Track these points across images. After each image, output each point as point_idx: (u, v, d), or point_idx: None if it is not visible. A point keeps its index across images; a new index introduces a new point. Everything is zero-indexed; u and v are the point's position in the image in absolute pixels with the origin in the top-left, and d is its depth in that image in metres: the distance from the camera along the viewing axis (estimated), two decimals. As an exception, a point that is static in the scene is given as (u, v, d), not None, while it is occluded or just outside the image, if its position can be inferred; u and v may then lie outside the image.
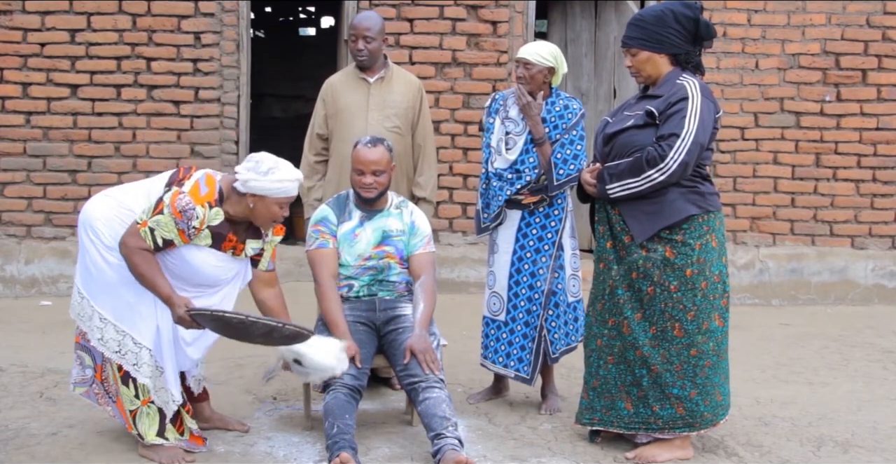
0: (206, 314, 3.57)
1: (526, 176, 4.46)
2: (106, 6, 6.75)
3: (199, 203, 3.63)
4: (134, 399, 3.77)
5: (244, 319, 3.54)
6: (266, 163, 3.68)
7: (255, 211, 3.71)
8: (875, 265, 7.21)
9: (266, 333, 3.62)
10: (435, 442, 3.74)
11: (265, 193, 3.66)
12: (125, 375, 3.75)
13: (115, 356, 3.72)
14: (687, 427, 3.89)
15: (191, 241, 3.68)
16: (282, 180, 3.67)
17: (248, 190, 3.66)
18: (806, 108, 7.16)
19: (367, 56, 4.72)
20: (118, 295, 3.72)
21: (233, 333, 3.67)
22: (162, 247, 3.63)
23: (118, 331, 3.72)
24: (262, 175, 3.65)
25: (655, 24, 3.87)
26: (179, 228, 3.62)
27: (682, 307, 3.82)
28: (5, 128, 6.78)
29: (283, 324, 3.64)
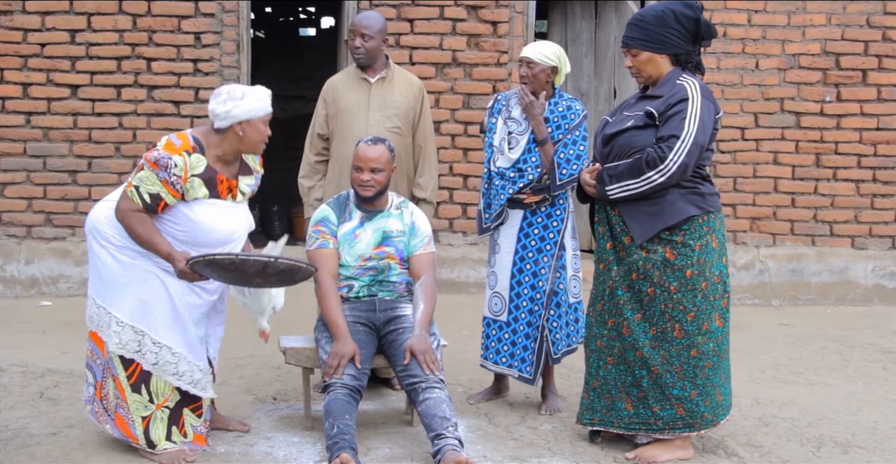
0: (200, 261, 3.59)
1: (528, 175, 4.47)
2: (106, 6, 6.75)
3: (174, 153, 3.65)
4: (148, 405, 3.77)
5: (234, 258, 3.56)
6: (237, 89, 3.76)
7: (245, 138, 3.75)
8: (875, 265, 7.21)
9: (261, 270, 3.63)
10: (435, 442, 3.75)
11: (251, 116, 3.73)
12: (137, 381, 3.75)
13: (137, 356, 3.73)
14: (687, 428, 3.89)
15: (182, 194, 3.67)
16: (261, 98, 3.76)
17: (234, 119, 3.71)
18: (806, 108, 7.16)
19: (364, 54, 4.71)
20: (132, 295, 3.73)
21: (231, 277, 3.69)
22: (151, 204, 3.64)
23: (136, 331, 3.73)
24: (240, 100, 3.71)
25: (656, 24, 3.87)
26: (161, 178, 3.63)
27: (682, 308, 3.82)
28: (5, 128, 6.78)
29: (275, 258, 3.64)
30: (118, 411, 3.78)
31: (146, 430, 3.78)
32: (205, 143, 3.75)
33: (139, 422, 3.77)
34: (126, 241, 3.73)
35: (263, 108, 3.78)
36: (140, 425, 3.77)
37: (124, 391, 3.76)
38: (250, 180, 3.92)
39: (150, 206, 3.65)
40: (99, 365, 3.81)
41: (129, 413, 3.77)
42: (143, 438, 3.78)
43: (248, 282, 3.75)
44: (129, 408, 3.77)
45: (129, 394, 3.76)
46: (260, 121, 3.77)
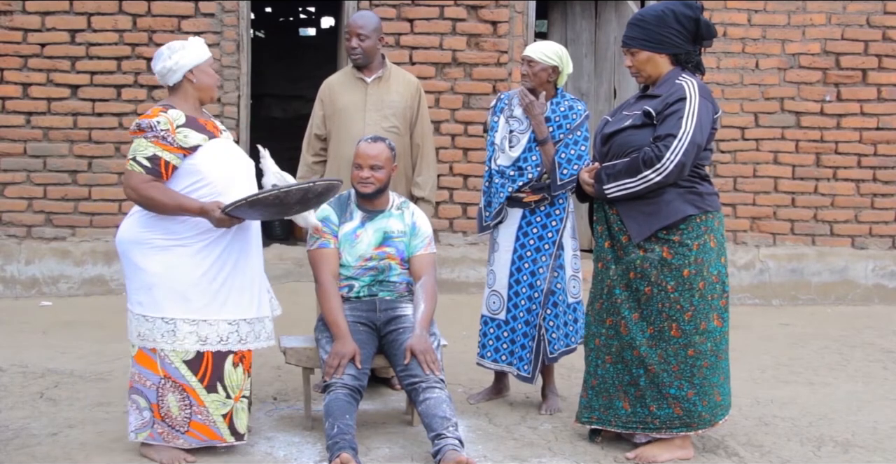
0: (242, 204, 3.63)
1: (528, 174, 4.47)
2: (106, 6, 6.76)
3: (151, 117, 3.74)
4: (226, 401, 3.80)
5: (278, 193, 3.65)
6: (173, 44, 3.86)
7: (199, 85, 3.87)
8: (875, 265, 7.21)
9: (302, 197, 3.73)
10: (435, 442, 3.75)
11: (197, 61, 3.84)
12: (211, 382, 3.76)
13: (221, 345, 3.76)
14: (684, 427, 3.89)
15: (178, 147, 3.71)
16: (198, 46, 3.87)
17: (183, 69, 3.81)
18: (806, 108, 7.16)
19: (360, 54, 4.72)
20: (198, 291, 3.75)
21: (269, 212, 3.77)
22: (153, 167, 3.69)
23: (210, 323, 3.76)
24: (182, 50, 3.82)
25: (656, 24, 3.87)
26: (150, 138, 3.70)
27: (679, 307, 3.82)
28: (5, 128, 6.78)
29: (313, 182, 3.76)
30: (193, 418, 3.76)
31: (230, 425, 3.82)
32: (172, 103, 3.85)
33: (221, 420, 3.80)
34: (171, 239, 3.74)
35: (204, 52, 3.88)
36: (223, 422, 3.80)
37: (199, 396, 3.76)
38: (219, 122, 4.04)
39: (153, 169, 3.70)
40: (150, 387, 3.76)
41: (209, 416, 3.77)
42: (228, 433, 3.82)
43: (287, 212, 3.84)
44: (209, 409, 3.77)
45: (205, 397, 3.76)
46: (206, 64, 3.88)
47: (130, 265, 3.80)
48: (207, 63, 3.88)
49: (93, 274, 6.79)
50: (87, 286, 6.80)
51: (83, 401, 4.47)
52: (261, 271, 4.00)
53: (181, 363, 3.74)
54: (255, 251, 3.97)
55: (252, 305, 3.89)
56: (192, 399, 3.76)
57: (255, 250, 3.96)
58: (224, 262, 3.81)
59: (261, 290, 3.96)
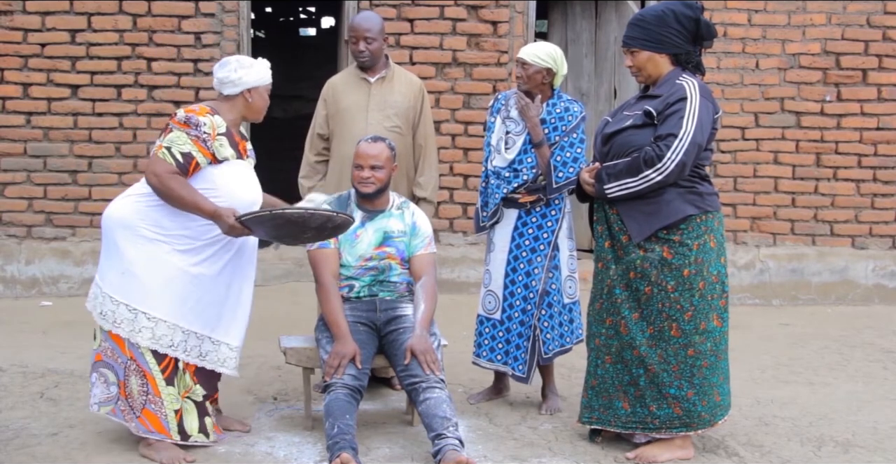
0: (265, 215, 3.64)
1: (523, 175, 4.47)
2: (106, 6, 6.75)
3: (198, 115, 3.79)
4: (178, 397, 3.83)
5: (303, 212, 3.68)
6: (244, 59, 4.00)
7: (252, 105, 3.95)
8: (875, 265, 7.21)
9: (321, 224, 3.74)
10: (435, 442, 3.75)
11: (258, 83, 3.93)
12: (171, 375, 3.80)
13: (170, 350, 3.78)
14: (684, 427, 3.89)
15: (212, 153, 3.77)
16: (266, 68, 3.98)
17: (244, 86, 3.89)
18: (806, 108, 7.15)
19: (368, 57, 4.73)
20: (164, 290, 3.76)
21: (286, 232, 3.75)
22: (184, 163, 3.73)
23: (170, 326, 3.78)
24: (250, 68, 3.91)
25: (656, 24, 3.88)
26: (192, 137, 3.74)
27: (679, 307, 3.82)
28: (6, 128, 6.77)
29: (336, 213, 3.79)
30: (147, 406, 3.79)
31: (180, 422, 3.83)
32: (218, 109, 3.89)
33: (172, 416, 3.81)
34: (160, 234, 3.76)
35: (268, 77, 3.98)
36: (174, 418, 3.81)
37: (157, 386, 3.79)
38: (249, 145, 4.07)
39: (183, 165, 3.73)
40: (120, 363, 3.81)
41: (161, 408, 3.80)
42: (175, 431, 3.82)
43: (298, 237, 3.83)
44: (164, 402, 3.80)
45: (163, 388, 3.79)
46: (265, 89, 3.97)
47: (111, 244, 3.83)
48: (266, 87, 3.97)
49: (93, 274, 6.64)
50: (87, 286, 6.68)
51: (83, 401, 4.46)
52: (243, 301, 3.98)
53: (148, 351, 3.78)
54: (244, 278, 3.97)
55: (210, 323, 3.88)
56: (150, 387, 3.79)
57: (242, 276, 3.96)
58: (203, 272, 3.82)
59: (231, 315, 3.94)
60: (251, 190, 3.92)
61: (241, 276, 3.96)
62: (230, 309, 3.94)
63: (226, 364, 3.96)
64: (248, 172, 3.95)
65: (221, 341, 3.92)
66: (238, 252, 3.92)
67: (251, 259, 4.01)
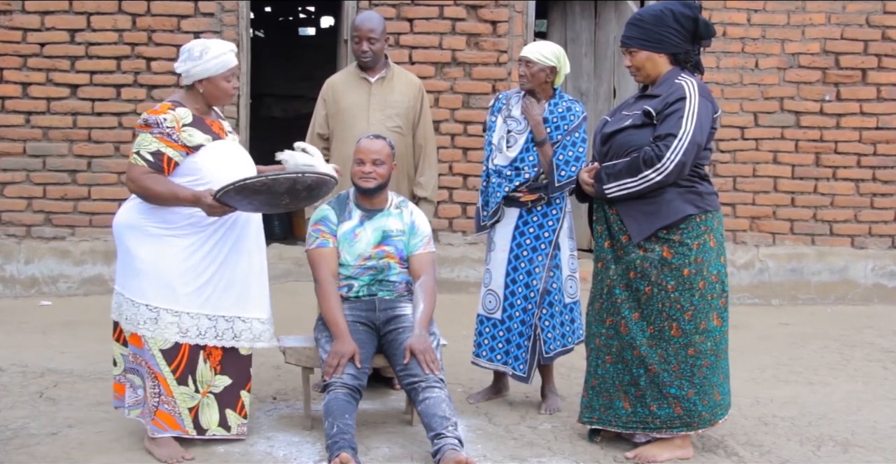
0: (230, 189, 3.64)
1: (525, 173, 4.47)
2: (106, 6, 6.75)
3: (158, 114, 3.78)
4: (194, 395, 3.85)
5: (265, 179, 3.67)
6: (196, 48, 3.86)
7: (207, 94, 3.89)
8: (875, 265, 7.21)
9: (290, 187, 3.72)
10: (435, 442, 3.75)
11: (209, 74, 3.84)
12: (182, 374, 3.81)
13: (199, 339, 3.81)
14: (685, 427, 3.89)
15: (182, 145, 3.76)
16: (217, 56, 3.84)
17: (194, 77, 3.84)
18: (806, 107, 7.16)
19: (371, 57, 4.73)
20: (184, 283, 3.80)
21: (261, 201, 3.75)
22: (155, 161, 3.74)
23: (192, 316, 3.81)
24: (198, 59, 3.82)
25: (654, 23, 3.88)
26: (156, 135, 3.75)
27: (679, 307, 3.82)
28: (5, 128, 6.78)
29: (302, 173, 3.76)
30: (160, 408, 3.81)
31: (195, 419, 3.85)
32: (182, 101, 3.89)
33: (186, 413, 3.84)
34: (165, 228, 3.79)
35: (222, 64, 3.86)
36: (188, 415, 3.84)
37: (169, 386, 3.80)
38: (227, 125, 4.05)
39: (155, 163, 3.75)
40: (144, 367, 3.84)
41: (175, 407, 3.82)
42: (191, 427, 3.85)
43: (277, 203, 3.82)
44: (176, 401, 3.82)
45: (174, 388, 3.81)
46: (220, 77, 3.89)
47: (123, 249, 3.87)
48: (223, 76, 3.87)
49: (92, 273, 6.79)
50: (87, 286, 6.80)
51: (83, 401, 4.47)
52: (259, 273, 4.01)
53: (158, 351, 3.80)
54: (253, 251, 3.99)
55: (236, 303, 3.92)
56: (162, 388, 3.81)
57: (251, 250, 3.98)
58: (214, 257, 3.86)
59: (253, 290, 3.98)
60: (238, 166, 3.89)
61: (250, 249, 3.97)
62: (249, 284, 3.97)
63: (262, 338, 4.00)
64: (232, 149, 3.92)
65: (252, 318, 3.97)
66: (243, 227, 3.93)
67: (258, 231, 4.03)
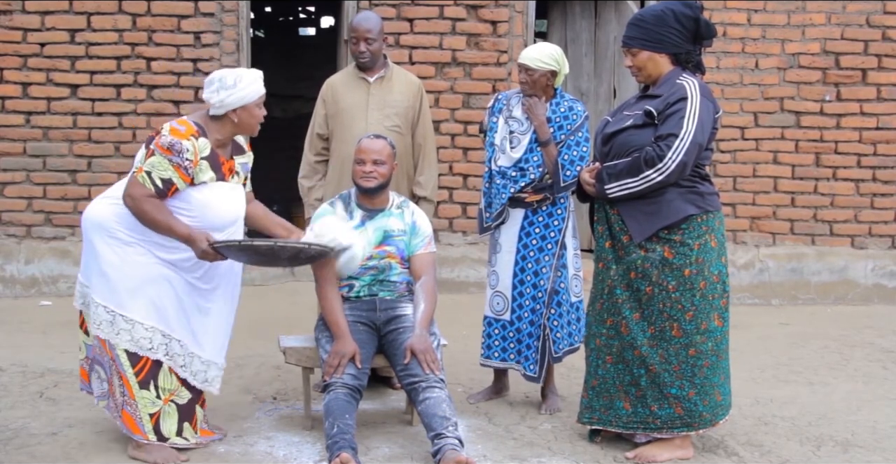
0: (234, 245, 3.65)
1: (530, 174, 4.47)
2: (106, 6, 6.75)
3: (182, 138, 3.71)
4: (155, 400, 3.78)
5: (273, 245, 3.68)
6: (229, 77, 3.80)
7: (241, 123, 3.82)
8: (875, 265, 7.21)
9: (293, 255, 3.76)
10: (435, 442, 3.75)
11: (244, 102, 3.78)
12: (145, 378, 3.76)
13: (149, 353, 3.74)
14: (685, 427, 3.89)
15: (191, 178, 3.71)
16: (251, 84, 3.80)
17: (228, 107, 3.77)
18: (806, 107, 7.15)
19: (369, 57, 4.73)
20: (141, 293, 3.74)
21: (256, 260, 3.77)
22: (163, 189, 3.68)
23: (147, 328, 3.75)
24: (232, 88, 3.76)
25: (655, 23, 3.87)
26: (174, 163, 3.68)
27: (680, 307, 3.82)
28: (5, 128, 6.77)
29: (308, 245, 3.78)
30: (124, 408, 3.78)
31: (156, 425, 3.79)
32: (206, 128, 3.82)
33: (147, 419, 3.78)
34: (134, 237, 3.73)
35: (256, 92, 3.82)
36: (149, 421, 3.78)
37: (132, 389, 3.76)
38: (244, 159, 3.99)
39: (162, 190, 3.69)
40: (107, 362, 3.82)
41: (136, 410, 3.77)
42: (152, 433, 3.79)
43: (274, 264, 3.86)
44: (137, 405, 3.76)
45: (136, 391, 3.76)
46: (254, 105, 3.83)
47: (90, 246, 3.82)
48: (256, 103, 3.82)
49: (92, 274, 6.78)
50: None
51: (83, 400, 4.46)
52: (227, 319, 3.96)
53: (122, 352, 3.76)
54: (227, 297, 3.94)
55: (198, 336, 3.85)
56: (125, 389, 3.77)
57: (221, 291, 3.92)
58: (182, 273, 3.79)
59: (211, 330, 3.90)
60: (228, 211, 3.83)
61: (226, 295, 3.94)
62: (217, 326, 3.91)
63: (212, 384, 3.93)
64: (228, 193, 3.85)
65: (212, 362, 3.91)
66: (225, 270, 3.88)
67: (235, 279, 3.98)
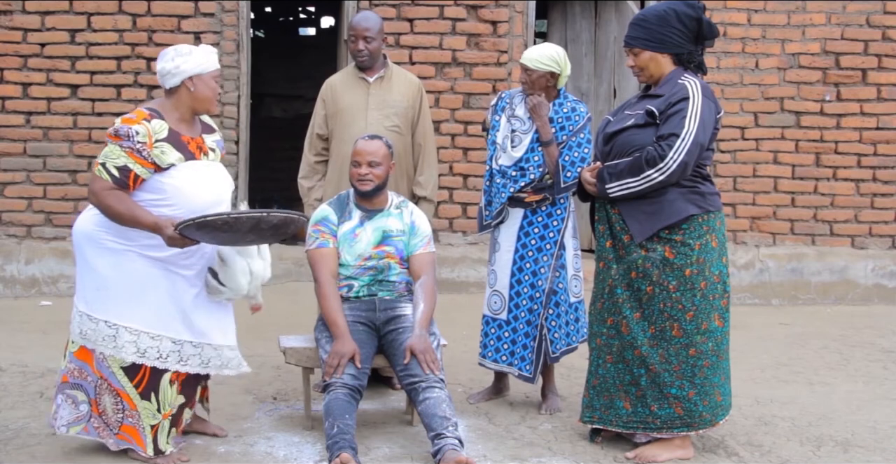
0: (191, 224, 3.49)
1: (530, 174, 4.47)
2: (106, 6, 6.76)
3: (133, 123, 3.64)
4: (156, 413, 3.74)
5: (226, 217, 3.50)
6: (182, 47, 3.79)
7: (196, 93, 3.74)
8: (875, 265, 7.21)
9: (254, 226, 3.55)
10: (435, 442, 3.75)
11: (200, 70, 3.73)
12: (146, 389, 3.71)
13: (139, 359, 3.67)
14: (685, 427, 3.89)
15: (152, 163, 3.61)
16: (207, 54, 3.78)
17: (184, 74, 3.71)
18: (806, 107, 7.16)
19: (367, 56, 4.73)
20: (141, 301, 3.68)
21: (223, 237, 3.60)
22: (121, 177, 3.58)
23: (153, 337, 3.68)
24: (188, 55, 3.73)
25: (658, 23, 3.87)
26: (125, 149, 3.60)
27: (680, 307, 3.82)
28: (5, 128, 6.78)
29: (267, 212, 3.57)
30: (125, 422, 3.72)
31: (155, 438, 3.74)
32: (161, 110, 3.74)
33: (149, 430, 3.73)
34: (122, 243, 3.66)
35: (212, 63, 3.78)
36: (150, 432, 3.73)
37: (132, 400, 3.71)
38: (216, 137, 3.92)
39: (121, 180, 3.59)
40: (90, 382, 3.73)
41: (139, 421, 3.72)
42: (151, 446, 3.74)
43: (241, 240, 3.66)
44: (140, 415, 3.72)
45: (138, 402, 3.71)
46: (209, 76, 3.78)
47: (82, 260, 3.74)
48: (211, 74, 3.76)
49: (93, 274, 6.78)
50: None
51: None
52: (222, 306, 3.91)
53: (118, 369, 3.69)
54: None
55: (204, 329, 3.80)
56: (126, 404, 3.71)
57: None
58: (178, 273, 3.74)
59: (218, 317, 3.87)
60: (209, 191, 3.72)
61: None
62: (217, 309, 3.87)
63: (230, 365, 3.91)
64: (205, 172, 3.74)
65: (222, 345, 3.87)
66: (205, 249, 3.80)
67: None
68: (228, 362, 3.90)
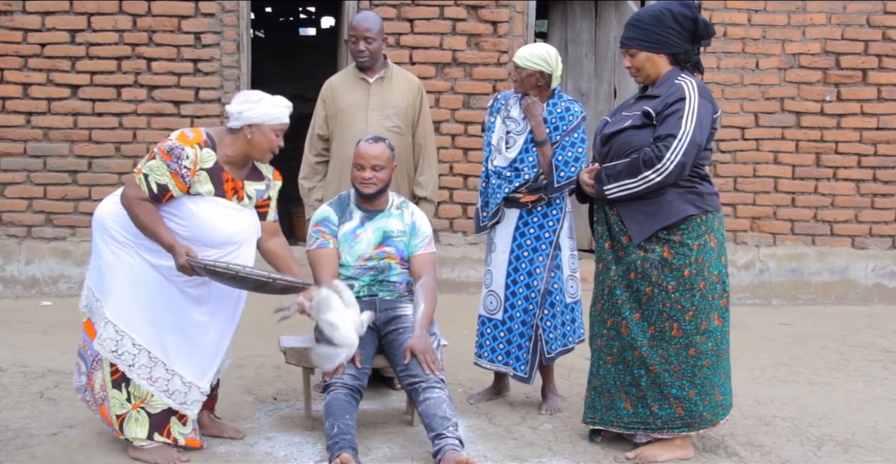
0: (201, 266, 3.59)
1: (525, 174, 4.47)
2: (106, 6, 6.76)
3: (187, 144, 3.68)
4: (125, 403, 3.76)
5: (234, 273, 3.59)
6: (256, 94, 3.82)
7: (252, 142, 3.77)
8: (875, 265, 7.21)
9: (259, 286, 3.67)
10: (435, 442, 3.75)
11: (261, 121, 3.75)
12: (118, 379, 3.75)
13: (112, 356, 3.72)
14: (686, 427, 3.89)
15: (189, 187, 3.68)
16: (275, 106, 3.79)
17: (245, 121, 3.74)
18: (806, 107, 7.16)
19: (368, 57, 4.73)
20: (122, 294, 3.73)
21: (230, 284, 3.70)
22: (157, 193, 3.65)
23: (118, 331, 3.72)
24: (255, 103, 3.76)
25: (654, 24, 3.87)
26: (171, 170, 3.65)
27: (680, 307, 3.82)
28: (5, 128, 6.78)
29: (273, 279, 3.67)
30: (104, 402, 3.80)
31: (121, 426, 3.78)
32: (217, 140, 3.79)
33: (114, 419, 3.78)
34: (127, 238, 3.73)
35: (277, 116, 3.79)
36: (115, 421, 3.78)
37: (106, 386, 3.78)
38: (259, 186, 3.92)
39: (157, 195, 3.67)
40: (89, 355, 3.82)
41: (110, 406, 3.79)
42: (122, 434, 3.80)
43: (243, 289, 3.77)
44: (109, 402, 3.78)
45: (109, 390, 3.77)
46: (270, 128, 3.78)
47: (95, 242, 3.84)
48: (272, 127, 3.77)
49: (93, 274, 6.79)
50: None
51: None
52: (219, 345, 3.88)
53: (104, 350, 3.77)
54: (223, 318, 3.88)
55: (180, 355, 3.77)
56: (103, 386, 3.79)
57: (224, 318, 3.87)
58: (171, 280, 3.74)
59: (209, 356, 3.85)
60: (224, 228, 3.76)
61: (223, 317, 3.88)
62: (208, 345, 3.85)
63: (190, 408, 3.84)
64: (226, 211, 3.77)
65: (193, 384, 3.82)
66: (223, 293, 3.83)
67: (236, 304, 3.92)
68: (191, 403, 3.83)
